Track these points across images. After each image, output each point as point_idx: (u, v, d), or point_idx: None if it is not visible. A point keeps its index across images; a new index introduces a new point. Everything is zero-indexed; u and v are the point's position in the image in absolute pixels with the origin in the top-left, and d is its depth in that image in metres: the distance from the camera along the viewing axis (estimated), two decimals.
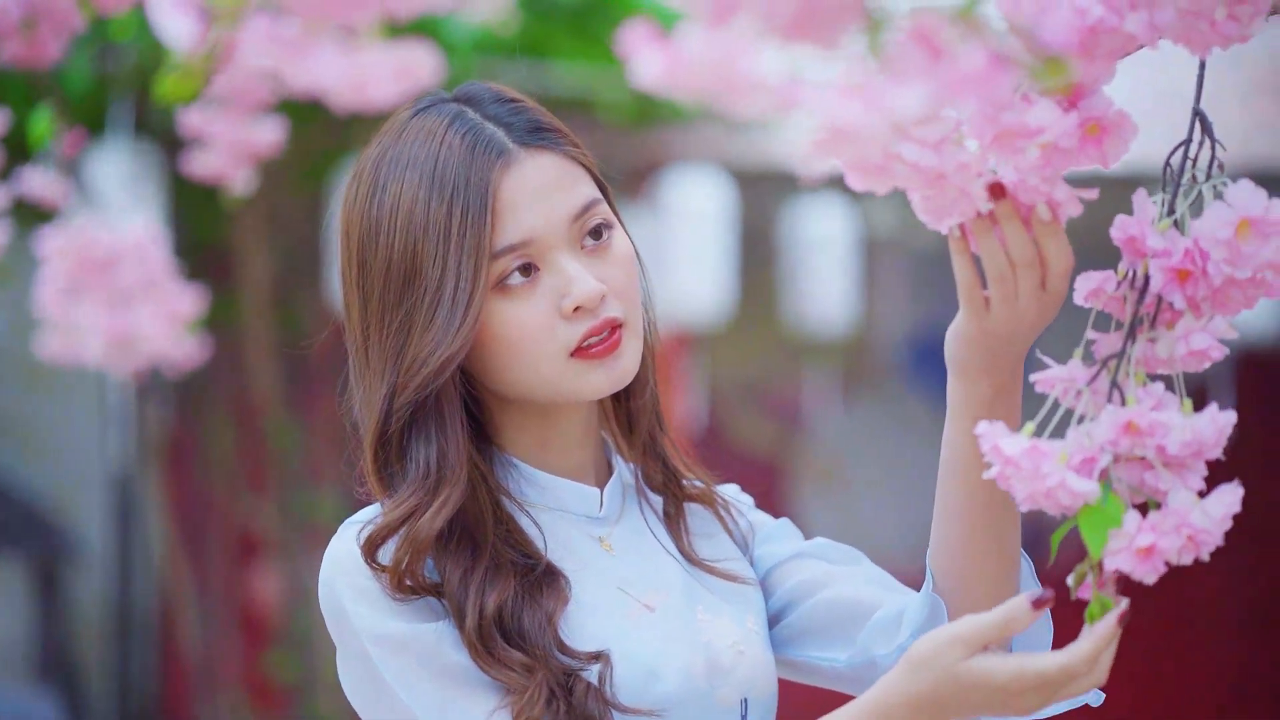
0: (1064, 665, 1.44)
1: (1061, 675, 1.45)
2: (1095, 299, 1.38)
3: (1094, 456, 1.31)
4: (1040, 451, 1.30)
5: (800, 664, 1.82)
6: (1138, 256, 1.36)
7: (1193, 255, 1.33)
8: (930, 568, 1.70)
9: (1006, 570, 1.67)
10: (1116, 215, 1.38)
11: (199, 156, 2.66)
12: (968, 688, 1.49)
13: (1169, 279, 1.34)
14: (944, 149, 1.31)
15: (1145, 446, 1.31)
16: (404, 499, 1.66)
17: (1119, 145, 1.36)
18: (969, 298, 1.53)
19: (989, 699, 1.49)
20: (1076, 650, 1.44)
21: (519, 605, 1.66)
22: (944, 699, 1.50)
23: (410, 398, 1.66)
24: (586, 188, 1.73)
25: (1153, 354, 1.36)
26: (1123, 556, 1.31)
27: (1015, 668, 1.47)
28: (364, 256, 1.70)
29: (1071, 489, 1.29)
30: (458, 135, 1.69)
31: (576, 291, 1.68)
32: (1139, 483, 1.34)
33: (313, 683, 6.47)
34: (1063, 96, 1.36)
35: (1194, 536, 1.31)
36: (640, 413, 1.81)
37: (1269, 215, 1.31)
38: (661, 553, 1.78)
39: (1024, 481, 1.30)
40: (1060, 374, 1.36)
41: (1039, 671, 1.46)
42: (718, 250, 6.29)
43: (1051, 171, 1.35)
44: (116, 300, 2.93)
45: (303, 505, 6.48)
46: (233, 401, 6.57)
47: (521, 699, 1.61)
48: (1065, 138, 1.33)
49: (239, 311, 6.24)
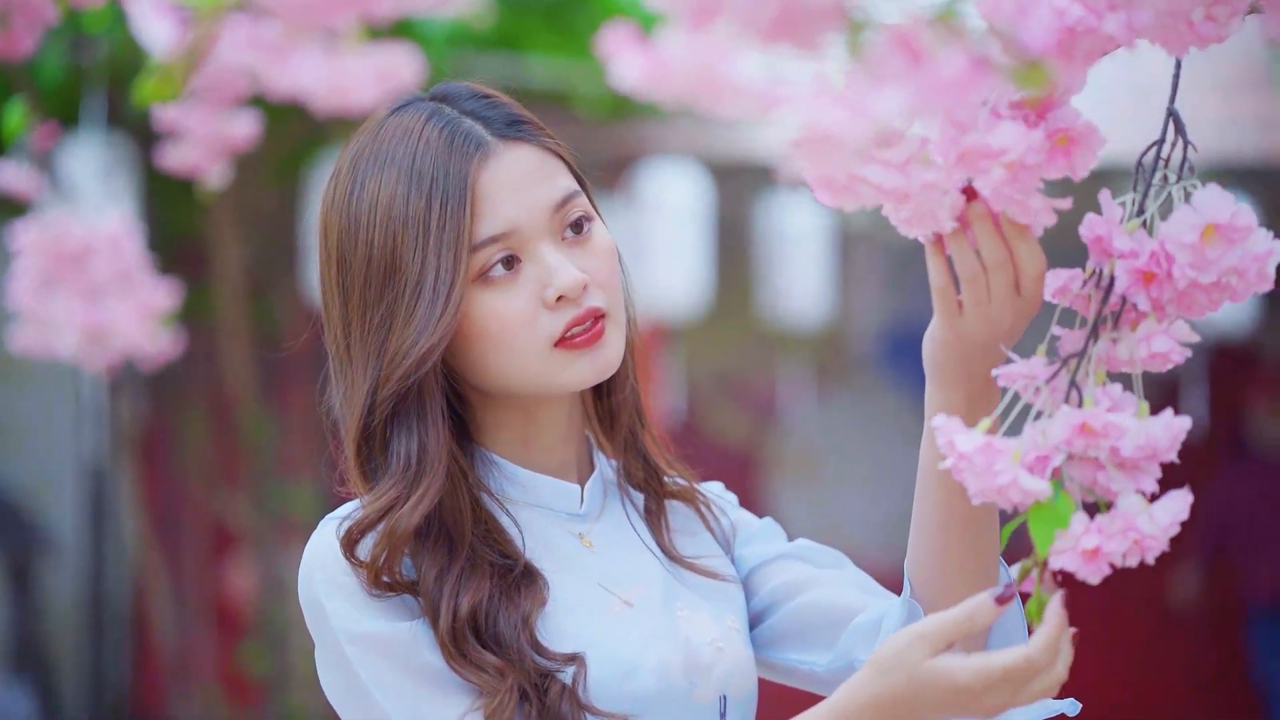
0: (1025, 656, 1.44)
1: (1025, 667, 1.44)
2: (1062, 296, 1.39)
3: (1048, 455, 1.32)
4: (994, 449, 1.31)
5: (781, 666, 1.82)
6: (1104, 256, 1.36)
7: (1158, 258, 1.33)
8: (908, 576, 1.70)
9: (984, 581, 1.66)
10: (1082, 213, 1.38)
11: (174, 150, 2.65)
12: (932, 687, 1.48)
13: (1134, 280, 1.34)
14: (909, 169, 1.32)
15: (1099, 448, 1.32)
16: (384, 491, 1.66)
17: (1087, 156, 1.37)
18: (943, 301, 1.53)
19: (955, 699, 1.48)
20: (1034, 641, 1.44)
21: (494, 606, 1.65)
22: (910, 699, 1.49)
23: (393, 390, 1.66)
24: (565, 180, 1.73)
25: (1114, 354, 1.36)
26: (1068, 556, 1.32)
27: (978, 664, 1.47)
28: (343, 254, 1.70)
29: (1023, 487, 1.30)
30: (435, 130, 1.69)
31: (559, 281, 1.68)
32: (1091, 482, 1.34)
33: (287, 676, 6.46)
34: (1030, 109, 1.37)
35: (1140, 541, 1.32)
36: (621, 408, 1.81)
37: (1235, 221, 1.31)
38: (642, 549, 1.79)
39: (977, 477, 1.31)
40: (1022, 369, 1.36)
41: (1003, 667, 1.45)
42: (694, 244, 6.29)
43: (1020, 187, 1.35)
44: (90, 293, 2.91)
45: (277, 499, 6.47)
46: (207, 395, 6.56)
47: (493, 702, 1.61)
48: (1030, 154, 1.33)
49: (213, 305, 6.23)
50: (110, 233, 2.90)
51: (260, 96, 1.90)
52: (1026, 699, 1.48)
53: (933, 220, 1.39)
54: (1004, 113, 1.36)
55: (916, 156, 1.32)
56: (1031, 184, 1.36)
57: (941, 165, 1.33)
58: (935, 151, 1.32)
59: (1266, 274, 1.34)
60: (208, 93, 2.53)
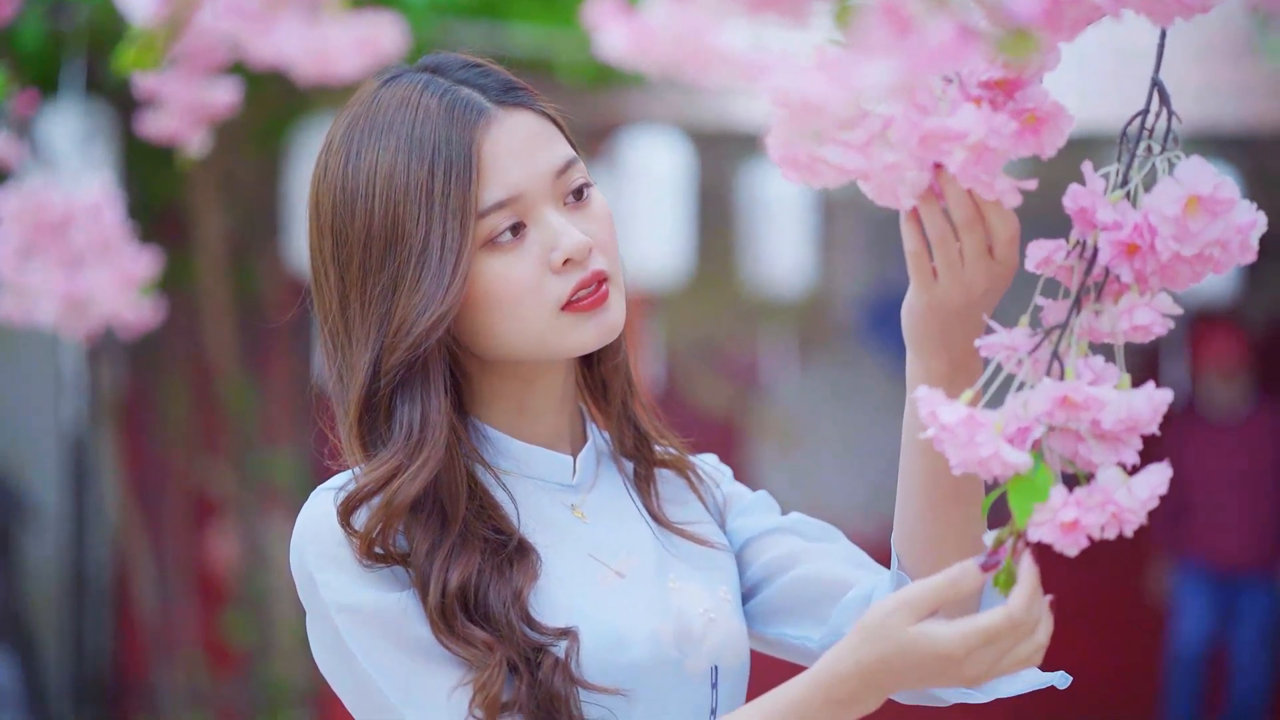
0: (1006, 614, 1.44)
1: (1006, 626, 1.44)
2: (1045, 267, 1.38)
3: (1029, 427, 1.32)
4: (976, 421, 1.30)
5: (773, 641, 1.82)
6: (1088, 228, 1.36)
7: (1141, 230, 1.33)
8: (895, 549, 1.70)
9: (970, 552, 1.64)
10: (1069, 181, 1.38)
11: (154, 118, 2.64)
12: (916, 653, 1.48)
13: (1117, 252, 1.34)
14: (870, 150, 1.32)
15: (1080, 420, 1.32)
16: (385, 460, 1.66)
17: (1055, 136, 1.37)
18: (917, 266, 1.53)
19: (939, 664, 1.48)
20: (1013, 599, 1.44)
21: (484, 582, 1.65)
22: (894, 666, 1.49)
23: (402, 358, 1.66)
24: (564, 146, 1.73)
25: (1096, 326, 1.36)
26: (1046, 529, 1.32)
27: (960, 627, 1.46)
28: (339, 227, 1.69)
29: (1005, 459, 1.30)
30: (433, 99, 1.68)
31: (565, 244, 1.68)
32: (1072, 454, 1.34)
33: (269, 645, 6.46)
34: (999, 89, 1.37)
35: (1118, 514, 1.32)
36: (613, 376, 1.80)
37: (1217, 193, 1.31)
38: (635, 519, 1.78)
39: (959, 449, 1.30)
40: (1004, 340, 1.36)
41: (984, 628, 1.45)
42: (675, 211, 6.28)
43: (984, 168, 1.35)
44: (70, 262, 2.90)
45: (259, 467, 6.47)
46: (188, 363, 6.55)
47: (482, 676, 1.61)
48: (993, 137, 1.33)
49: (194, 273, 6.21)
50: (91, 201, 2.88)
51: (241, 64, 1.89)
52: (1010, 665, 1.47)
53: (893, 198, 1.39)
54: (973, 91, 1.37)
55: (878, 137, 1.32)
56: (996, 165, 1.36)
57: (902, 147, 1.32)
58: (896, 134, 1.32)
59: (1249, 246, 1.34)
60: (188, 60, 2.51)
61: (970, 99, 1.37)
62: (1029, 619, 1.44)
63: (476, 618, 1.63)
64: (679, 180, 6.31)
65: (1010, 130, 1.34)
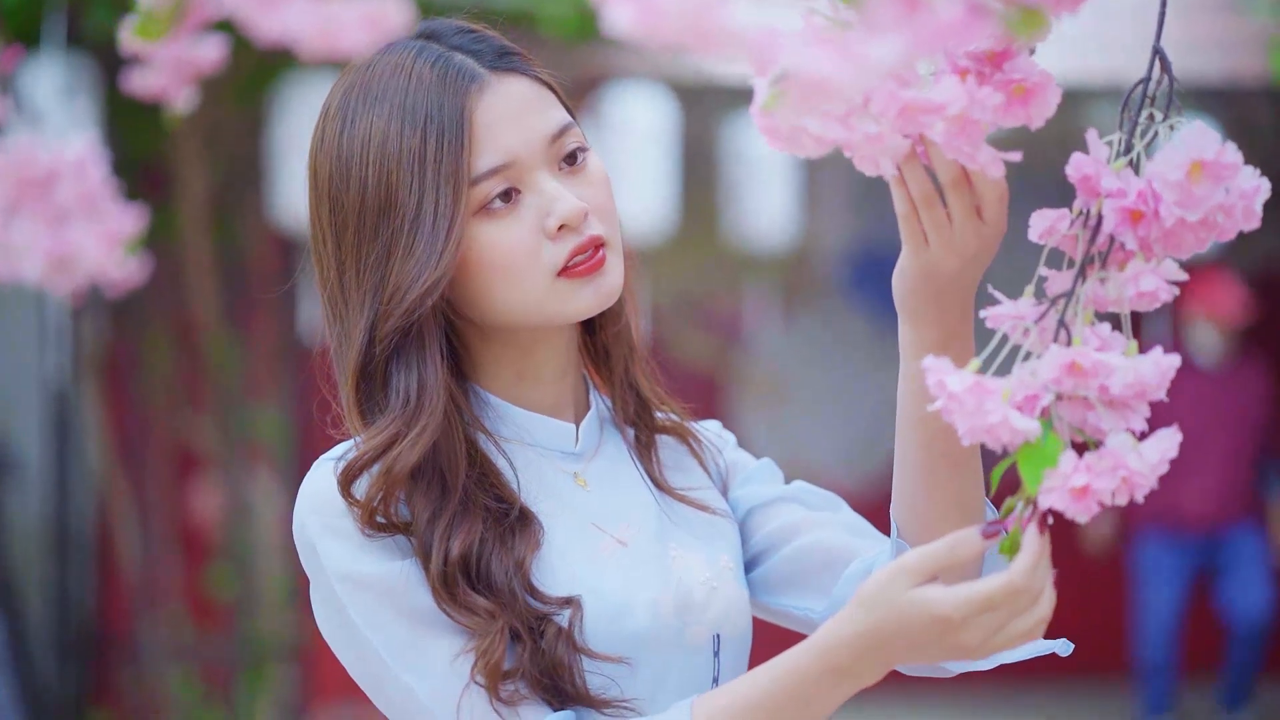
0: (1008, 580, 1.42)
1: (1007, 592, 1.43)
2: (1048, 237, 1.37)
3: (1037, 394, 1.31)
4: (984, 388, 1.30)
5: (776, 611, 1.82)
6: (1092, 196, 1.35)
7: (1145, 197, 1.32)
8: (894, 518, 1.69)
9: (969, 521, 1.65)
10: (1053, 134, 1.37)
11: (141, 75, 2.62)
12: (915, 619, 1.46)
13: (1122, 219, 1.33)
14: (850, 121, 1.31)
15: (1088, 387, 1.32)
16: (383, 428, 1.66)
17: (1043, 107, 1.37)
18: (908, 230, 1.52)
19: (938, 630, 1.46)
20: (1015, 565, 1.42)
21: (486, 550, 1.65)
22: (891, 633, 1.48)
23: (396, 324, 1.65)
24: (559, 111, 1.73)
25: (1102, 294, 1.36)
26: (1057, 495, 1.31)
27: (961, 593, 1.45)
28: (335, 193, 1.69)
29: (1013, 426, 1.29)
30: (426, 65, 1.68)
31: (560, 209, 1.67)
32: (1081, 421, 1.34)
33: (253, 600, 6.47)
34: (986, 60, 1.36)
35: (1129, 479, 1.32)
36: (614, 342, 1.80)
37: (1221, 158, 1.31)
38: (637, 487, 1.78)
39: (967, 417, 1.30)
40: (1010, 310, 1.35)
41: (985, 593, 1.44)
42: (659, 166, 6.28)
43: (966, 139, 1.35)
44: (55, 219, 2.88)
45: (242, 422, 6.46)
46: (171, 318, 6.53)
47: (484, 643, 1.61)
48: (976, 109, 1.33)
49: (176, 227, 6.19)
50: (76, 158, 2.86)
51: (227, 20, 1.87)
52: (1010, 639, 1.46)
53: (877, 167, 1.39)
54: (960, 63, 1.36)
55: (858, 108, 1.31)
56: (979, 136, 1.35)
57: (883, 118, 1.32)
58: (876, 106, 1.31)
59: (1253, 211, 1.33)
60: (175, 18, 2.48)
61: (958, 70, 1.36)
62: (1030, 587, 1.43)
63: (479, 586, 1.63)
64: (663, 135, 6.31)
65: (995, 102, 1.33)
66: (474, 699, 1.60)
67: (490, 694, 1.60)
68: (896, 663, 1.52)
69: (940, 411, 1.31)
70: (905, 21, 1.02)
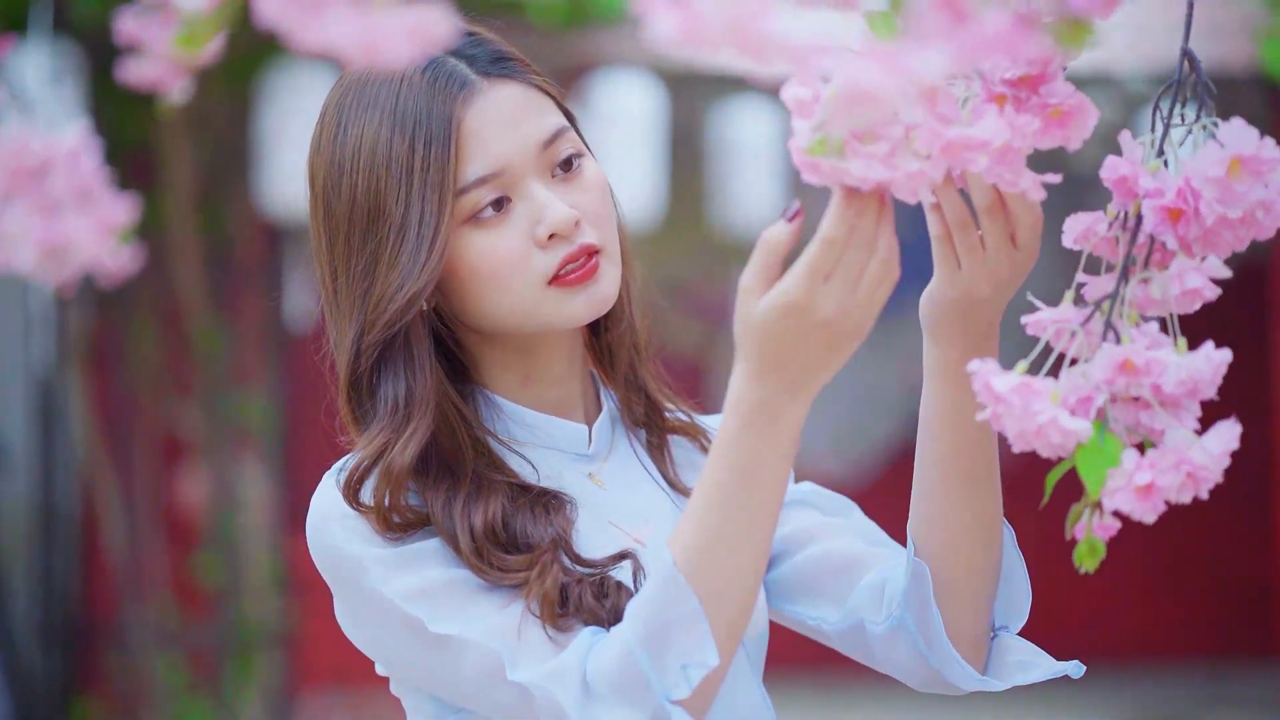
0: (819, 239, 1.39)
1: (824, 249, 1.40)
2: (1084, 241, 1.37)
3: (1090, 396, 1.30)
4: (1032, 389, 1.28)
5: (789, 618, 1.81)
6: (1129, 197, 1.35)
7: (1185, 194, 1.32)
8: (911, 535, 1.68)
9: (986, 540, 1.66)
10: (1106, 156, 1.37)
11: (136, 64, 2.60)
12: (774, 326, 1.42)
13: (1161, 219, 1.33)
14: (893, 161, 1.30)
15: (1141, 385, 1.30)
16: (374, 436, 1.65)
17: (1082, 128, 1.36)
18: (941, 254, 1.51)
19: (799, 324, 1.41)
20: (823, 223, 1.40)
21: (520, 519, 1.64)
22: (771, 350, 1.43)
23: (379, 336, 1.65)
24: (553, 117, 1.71)
25: (1145, 295, 1.35)
26: (1122, 495, 1.28)
27: (789, 275, 1.41)
28: (328, 199, 1.68)
29: (1063, 427, 1.27)
30: (418, 71, 1.66)
31: (549, 218, 1.66)
32: (1134, 423, 1.33)
33: (239, 586, 6.46)
34: (1023, 85, 1.35)
35: (1193, 473, 1.29)
36: (619, 344, 1.78)
37: (1261, 154, 1.31)
38: (652, 488, 1.77)
39: (1015, 419, 1.27)
40: (1052, 315, 1.34)
41: (806, 263, 1.40)
42: (646, 153, 6.26)
43: (1008, 168, 1.34)
44: (49, 208, 2.87)
45: (228, 408, 6.44)
46: (157, 304, 6.50)
47: (532, 575, 1.59)
48: (1018, 138, 1.33)
49: (163, 214, 6.16)
50: (69, 147, 2.84)
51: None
52: (873, 292, 1.42)
53: (913, 195, 1.38)
54: (996, 89, 1.36)
55: (901, 147, 1.30)
56: (1020, 164, 1.35)
57: (925, 156, 1.31)
58: (919, 143, 1.30)
59: None
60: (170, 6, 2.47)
61: (993, 97, 1.36)
62: (848, 236, 1.39)
63: (512, 550, 1.62)
64: (650, 122, 6.29)
65: (1034, 129, 1.33)
66: (531, 627, 1.58)
67: (546, 624, 1.58)
68: (802, 380, 1.47)
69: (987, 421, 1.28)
70: (952, 33, 1.01)
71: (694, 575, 1.50)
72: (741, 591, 1.51)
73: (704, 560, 1.50)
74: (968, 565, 1.66)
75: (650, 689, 1.50)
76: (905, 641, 1.70)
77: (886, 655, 1.72)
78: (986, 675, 1.70)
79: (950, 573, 1.66)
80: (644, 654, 1.50)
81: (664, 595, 1.51)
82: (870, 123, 1.26)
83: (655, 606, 1.51)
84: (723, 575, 1.50)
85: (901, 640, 1.70)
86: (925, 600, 1.67)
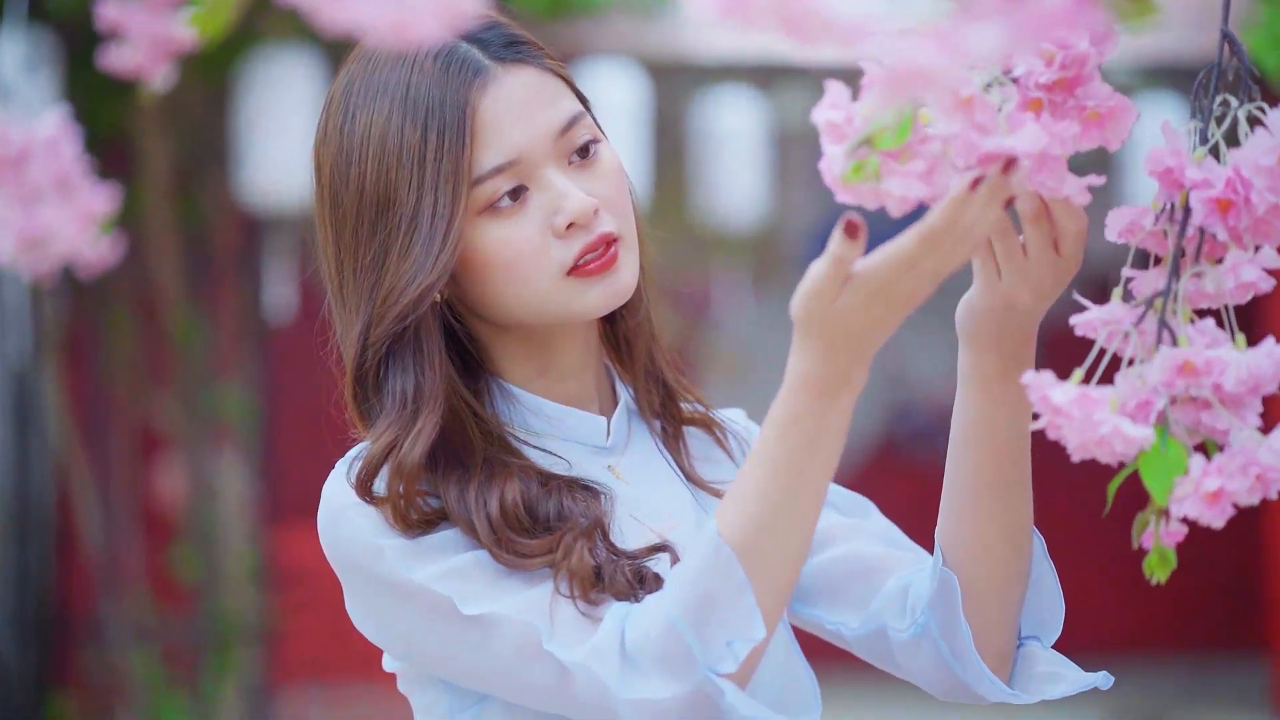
0: (917, 234, 1.36)
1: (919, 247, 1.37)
2: (1130, 235, 1.33)
3: (1149, 400, 1.26)
4: (1091, 399, 1.23)
5: (808, 622, 1.77)
6: (1175, 189, 1.31)
7: (1234, 184, 1.28)
8: (940, 544, 1.64)
9: (1016, 549, 1.62)
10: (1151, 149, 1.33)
11: (117, 51, 2.55)
12: (855, 311, 1.40)
13: (1210, 210, 1.29)
14: (932, 177, 1.28)
15: (1202, 386, 1.26)
16: (382, 432, 1.60)
17: (1120, 129, 1.34)
18: (982, 262, 1.48)
19: (878, 299, 1.39)
20: (930, 216, 1.36)
21: (548, 501, 1.60)
22: (840, 338, 1.42)
23: (389, 329, 1.60)
24: (569, 102, 1.66)
25: (1198, 289, 1.31)
26: (1190, 502, 1.24)
27: (877, 259, 1.38)
28: (335, 189, 1.63)
29: (1126, 435, 1.23)
30: (430, 56, 1.61)
31: (568, 207, 1.61)
32: (1195, 423, 1.28)
33: (217, 580, 6.41)
34: (1058, 90, 1.33)
35: (1262, 475, 1.25)
36: (635, 334, 1.74)
37: None
38: (670, 481, 1.73)
39: (1075, 431, 1.23)
40: (1102, 315, 1.30)
41: (897, 248, 1.37)
42: (630, 143, 6.24)
43: (1049, 174, 1.32)
44: (28, 198, 2.82)
45: (206, 400, 6.39)
46: (133, 295, 6.45)
47: (559, 551, 1.55)
48: (1056, 144, 1.30)
49: (139, 204, 6.11)
50: (48, 134, 2.79)
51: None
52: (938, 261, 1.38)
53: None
54: (1032, 93, 1.33)
55: (940, 163, 1.28)
56: (1061, 169, 1.32)
57: (963, 169, 1.29)
58: (956, 155, 1.28)
59: None
60: None
61: (1029, 102, 1.33)
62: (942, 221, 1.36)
63: (540, 533, 1.58)
64: (634, 111, 6.27)
65: (1072, 134, 1.31)
66: (562, 605, 1.54)
67: (578, 600, 1.54)
68: (867, 351, 1.44)
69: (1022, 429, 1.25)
70: (1008, 9, 0.96)
71: (746, 548, 1.47)
72: (793, 565, 1.48)
73: (761, 533, 1.47)
74: (998, 575, 1.63)
75: (694, 662, 1.46)
76: (929, 649, 1.66)
77: (909, 662, 1.69)
78: (1014, 687, 1.66)
79: (979, 583, 1.62)
80: (687, 627, 1.47)
81: (710, 567, 1.47)
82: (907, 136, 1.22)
83: (700, 578, 1.47)
84: (777, 548, 1.47)
85: (925, 647, 1.67)
86: (953, 610, 1.63)
